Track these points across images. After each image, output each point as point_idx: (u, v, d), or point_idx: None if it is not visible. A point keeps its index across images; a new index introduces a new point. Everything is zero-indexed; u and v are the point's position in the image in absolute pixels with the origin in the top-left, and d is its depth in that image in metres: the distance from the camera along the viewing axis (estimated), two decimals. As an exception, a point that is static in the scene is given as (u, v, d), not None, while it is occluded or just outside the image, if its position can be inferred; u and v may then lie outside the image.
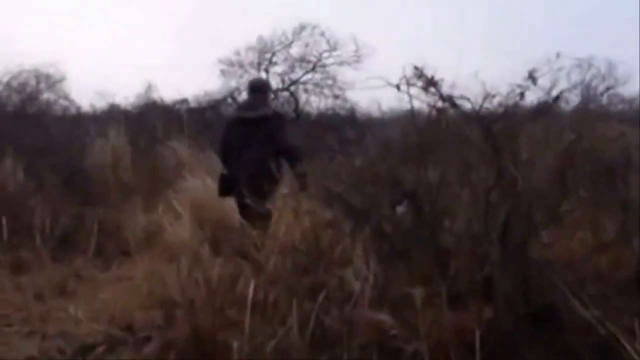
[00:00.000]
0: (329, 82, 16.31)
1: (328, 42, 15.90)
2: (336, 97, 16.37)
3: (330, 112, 16.43)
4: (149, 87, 14.38)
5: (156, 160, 10.52)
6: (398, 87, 4.05)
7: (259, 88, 6.78)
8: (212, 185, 7.65)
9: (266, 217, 5.38)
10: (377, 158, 4.51)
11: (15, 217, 6.93)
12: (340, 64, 15.98)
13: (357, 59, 15.86)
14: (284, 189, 5.71)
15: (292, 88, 16.13)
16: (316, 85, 16.29)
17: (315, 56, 16.07)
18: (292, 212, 4.87)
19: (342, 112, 16.29)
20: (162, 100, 14.29)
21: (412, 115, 4.14)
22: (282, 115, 7.03)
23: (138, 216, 8.22)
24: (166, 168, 10.22)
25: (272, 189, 5.68)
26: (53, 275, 6.37)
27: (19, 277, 6.34)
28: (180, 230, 6.91)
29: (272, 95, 7.11)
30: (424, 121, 4.23)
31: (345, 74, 16.09)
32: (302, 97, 16.32)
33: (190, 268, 6.07)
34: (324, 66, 16.08)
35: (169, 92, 14.59)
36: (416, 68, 3.90)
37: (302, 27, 16.05)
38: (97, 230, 7.47)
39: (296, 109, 16.05)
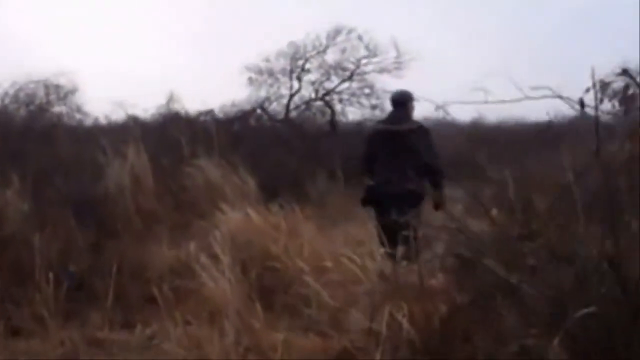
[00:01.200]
0: (367, 90, 14.92)
1: (367, 47, 14.48)
2: (374, 107, 14.98)
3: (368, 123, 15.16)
4: (172, 98, 13.01)
5: (182, 182, 9.13)
6: (582, 103, 2.65)
7: (401, 101, 6.68)
8: (257, 218, 6.25)
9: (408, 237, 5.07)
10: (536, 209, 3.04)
11: (14, 263, 5.55)
12: (380, 71, 14.57)
13: (398, 65, 14.46)
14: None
15: (327, 98, 14.77)
16: (352, 94, 14.89)
17: (352, 63, 14.67)
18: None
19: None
20: (186, 112, 12.94)
21: (598, 146, 2.68)
22: (427, 129, 6.70)
23: (164, 253, 6.84)
24: (194, 192, 8.83)
25: (417, 205, 5.99)
26: (61, 341, 4.96)
27: (16, 344, 4.92)
28: (219, 277, 5.49)
29: (414, 106, 6.66)
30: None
31: (385, 82, 14.71)
32: (337, 107, 14.98)
33: (237, 333, 4.75)
34: (362, 74, 14.67)
35: (193, 102, 13.17)
36: (625, 70, 2.46)
37: (337, 31, 14.65)
38: (116, 272, 6.07)
39: (332, 121, 14.66)
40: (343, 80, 14.72)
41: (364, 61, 14.62)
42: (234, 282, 5.30)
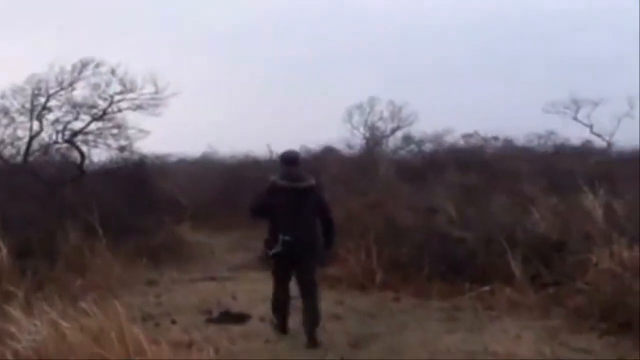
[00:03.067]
0: (114, 131, 13.30)
1: (121, 82, 12.86)
2: (122, 148, 13.43)
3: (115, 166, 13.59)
4: None
5: None
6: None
7: (296, 160, 6.95)
8: (69, 327, 4.52)
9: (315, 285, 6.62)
10: None
11: None
12: (136, 108, 13.07)
13: (156, 101, 13.09)
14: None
15: (74, 139, 12.95)
16: (99, 135, 13.18)
17: (104, 99, 12.95)
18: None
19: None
20: None
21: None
22: (319, 186, 7.18)
23: None
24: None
25: (316, 256, 6.69)
26: None
27: None
28: None
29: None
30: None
31: (137, 120, 13.35)
32: (82, 148, 13.21)
33: None
34: (115, 112, 13.04)
35: None
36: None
37: (84, 64, 12.84)
38: None
39: (81, 165, 12.82)
40: (94, 119, 12.97)
41: (117, 97, 13.03)
42: None
